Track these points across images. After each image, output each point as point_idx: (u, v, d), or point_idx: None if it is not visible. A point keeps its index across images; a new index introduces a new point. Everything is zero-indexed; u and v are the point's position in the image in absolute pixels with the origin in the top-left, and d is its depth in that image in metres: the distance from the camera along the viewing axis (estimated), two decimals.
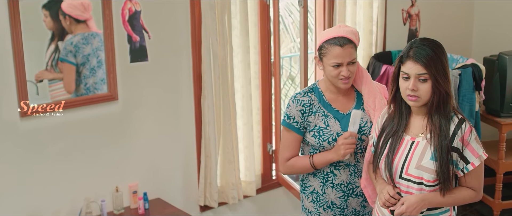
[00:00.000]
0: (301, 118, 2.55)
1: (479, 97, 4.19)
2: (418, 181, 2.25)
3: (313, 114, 2.55)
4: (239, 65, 3.85)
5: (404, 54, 2.24)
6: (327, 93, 2.58)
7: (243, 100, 3.91)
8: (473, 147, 2.21)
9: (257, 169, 4.17)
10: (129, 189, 3.51)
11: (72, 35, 3.16)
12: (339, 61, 2.44)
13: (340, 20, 4.30)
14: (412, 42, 2.25)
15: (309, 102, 2.56)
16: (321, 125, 2.54)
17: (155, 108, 3.55)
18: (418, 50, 2.19)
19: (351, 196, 2.63)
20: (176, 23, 3.53)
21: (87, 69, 3.25)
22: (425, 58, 2.17)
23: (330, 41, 2.46)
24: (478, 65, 4.12)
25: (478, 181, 2.27)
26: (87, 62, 3.24)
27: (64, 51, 3.15)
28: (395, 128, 2.33)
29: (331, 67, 2.46)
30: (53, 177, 3.22)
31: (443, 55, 2.21)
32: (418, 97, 2.21)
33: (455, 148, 2.20)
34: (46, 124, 3.14)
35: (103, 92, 3.30)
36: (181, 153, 3.73)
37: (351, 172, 2.60)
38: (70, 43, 3.16)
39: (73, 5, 3.11)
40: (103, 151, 3.39)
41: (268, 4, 3.95)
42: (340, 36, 2.44)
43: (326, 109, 2.56)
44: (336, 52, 2.44)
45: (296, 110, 2.55)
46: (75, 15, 3.13)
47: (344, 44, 2.43)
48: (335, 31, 2.47)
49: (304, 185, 2.72)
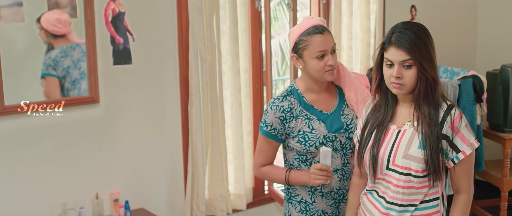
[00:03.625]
0: (281, 125, 2.37)
1: (481, 110, 4.03)
2: (405, 172, 2.09)
3: (295, 119, 2.37)
4: (229, 72, 3.74)
5: (386, 40, 2.11)
6: (307, 94, 2.40)
7: (232, 109, 3.79)
8: (463, 134, 2.06)
9: (248, 182, 4.01)
10: (110, 196, 3.37)
11: (51, 50, 3.12)
12: (323, 49, 2.28)
13: (335, 31, 4.20)
14: (394, 27, 2.12)
15: (289, 107, 2.37)
16: (305, 129, 2.36)
17: (139, 113, 3.44)
18: (400, 35, 2.06)
19: (342, 202, 2.44)
20: (162, 25, 3.45)
21: (68, 82, 3.18)
22: (408, 43, 2.04)
23: (307, 32, 2.30)
24: (478, 77, 3.97)
25: (467, 179, 2.12)
26: (67, 75, 3.17)
27: (45, 66, 3.11)
28: (381, 118, 2.18)
29: (315, 59, 2.29)
30: (28, 182, 3.10)
31: (428, 39, 2.08)
32: (402, 85, 2.07)
33: (445, 135, 2.06)
34: (22, 125, 3.04)
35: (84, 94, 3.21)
36: (166, 161, 3.60)
37: (339, 177, 2.41)
38: (48, 58, 3.12)
39: (49, 21, 3.08)
40: (84, 156, 3.27)
41: (259, 11, 3.86)
42: (315, 24, 2.30)
43: (308, 111, 2.38)
44: (319, 40, 2.28)
45: (274, 117, 2.37)
46: (52, 31, 3.09)
47: (323, 31, 2.29)
48: (307, 22, 2.33)
49: (290, 194, 2.51)
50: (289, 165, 2.46)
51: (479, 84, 3.93)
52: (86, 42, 3.17)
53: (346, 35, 4.26)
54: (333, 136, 2.36)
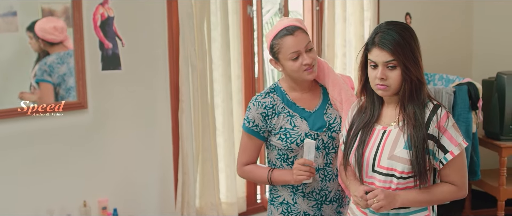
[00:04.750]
0: (263, 122, 2.36)
1: (476, 118, 3.98)
2: (390, 173, 2.03)
3: (277, 116, 2.35)
4: (220, 79, 3.70)
5: (369, 41, 2.08)
6: (290, 92, 2.39)
7: (224, 116, 3.74)
8: (451, 134, 2.01)
9: (240, 190, 3.95)
10: (98, 204, 3.31)
11: (48, 56, 3.11)
12: (295, 49, 2.26)
13: (329, 38, 4.16)
14: (378, 27, 2.08)
15: (271, 103, 2.36)
16: (287, 126, 2.34)
17: (128, 119, 3.40)
18: (383, 36, 2.02)
19: (324, 203, 2.41)
20: (152, 31, 3.41)
21: (63, 89, 3.15)
22: (392, 44, 2.00)
23: (278, 35, 2.30)
24: (474, 84, 3.93)
25: (459, 174, 2.05)
26: (63, 82, 3.14)
27: (40, 72, 3.09)
28: (367, 119, 2.14)
29: (291, 61, 2.28)
30: (13, 188, 3.04)
31: (412, 39, 2.04)
32: (387, 87, 2.03)
33: (431, 135, 2.00)
34: (8, 131, 3.00)
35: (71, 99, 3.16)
36: (156, 168, 3.54)
37: (321, 177, 2.39)
38: (44, 64, 3.11)
39: (45, 29, 3.07)
40: (71, 162, 3.21)
41: (251, 17, 3.83)
42: (286, 26, 2.29)
43: (291, 108, 2.37)
44: (289, 42, 2.27)
45: (257, 113, 2.35)
46: (49, 39, 3.08)
47: (293, 31, 2.27)
48: (279, 25, 2.33)
49: (272, 195, 2.48)
50: (272, 165, 2.44)
51: (474, 91, 3.89)
52: (74, 47, 3.14)
53: (340, 42, 4.22)
54: (315, 134, 2.33)
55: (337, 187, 2.42)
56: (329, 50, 4.18)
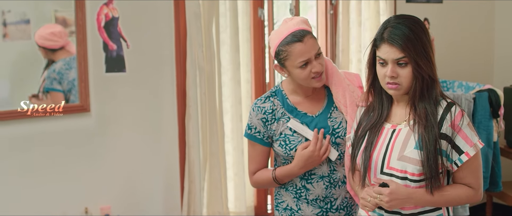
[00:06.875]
0: (264, 127, 2.24)
1: (498, 126, 3.80)
2: (402, 175, 1.90)
3: (276, 121, 2.23)
4: (229, 83, 3.58)
5: (378, 37, 1.95)
6: (292, 95, 2.26)
7: (233, 122, 3.61)
8: (466, 134, 1.87)
9: (249, 200, 3.81)
10: (101, 211, 3.20)
11: (55, 63, 3.04)
12: (305, 58, 2.12)
13: (343, 43, 4.03)
14: (386, 21, 1.97)
15: (271, 108, 2.24)
16: (287, 132, 2.22)
17: (133, 124, 3.29)
18: (393, 31, 1.90)
19: (330, 211, 2.28)
20: (158, 32, 3.31)
21: (74, 95, 3.07)
22: (402, 40, 1.88)
23: (286, 41, 2.14)
24: (494, 90, 3.77)
25: (475, 176, 1.92)
26: (73, 87, 3.06)
27: (49, 80, 3.03)
28: (375, 119, 2.00)
29: (299, 69, 2.14)
30: (13, 193, 2.94)
31: (423, 34, 1.91)
32: (398, 85, 1.91)
33: (444, 135, 1.87)
34: (9, 134, 2.91)
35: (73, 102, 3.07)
36: (161, 176, 3.42)
37: (326, 184, 2.25)
38: (53, 71, 3.04)
39: (43, 36, 3.00)
40: (72, 167, 3.11)
41: (262, 20, 3.71)
42: (294, 31, 2.13)
43: (291, 113, 2.24)
44: (299, 50, 2.12)
45: (257, 119, 2.25)
46: (48, 45, 3.01)
47: (303, 37, 2.12)
48: (284, 28, 2.16)
49: (277, 200, 2.38)
50: None
51: (496, 98, 3.72)
52: (77, 48, 3.05)
53: (355, 47, 4.08)
54: None
55: (345, 194, 2.28)
56: (343, 56, 4.05)
